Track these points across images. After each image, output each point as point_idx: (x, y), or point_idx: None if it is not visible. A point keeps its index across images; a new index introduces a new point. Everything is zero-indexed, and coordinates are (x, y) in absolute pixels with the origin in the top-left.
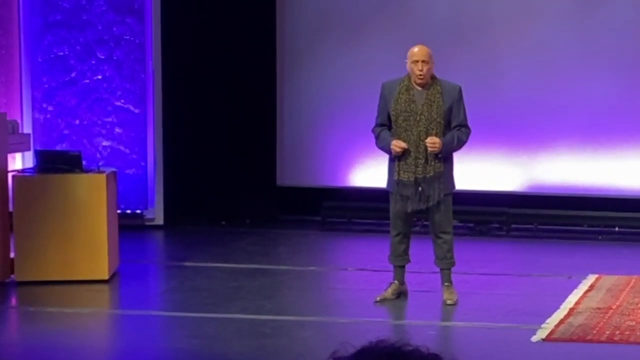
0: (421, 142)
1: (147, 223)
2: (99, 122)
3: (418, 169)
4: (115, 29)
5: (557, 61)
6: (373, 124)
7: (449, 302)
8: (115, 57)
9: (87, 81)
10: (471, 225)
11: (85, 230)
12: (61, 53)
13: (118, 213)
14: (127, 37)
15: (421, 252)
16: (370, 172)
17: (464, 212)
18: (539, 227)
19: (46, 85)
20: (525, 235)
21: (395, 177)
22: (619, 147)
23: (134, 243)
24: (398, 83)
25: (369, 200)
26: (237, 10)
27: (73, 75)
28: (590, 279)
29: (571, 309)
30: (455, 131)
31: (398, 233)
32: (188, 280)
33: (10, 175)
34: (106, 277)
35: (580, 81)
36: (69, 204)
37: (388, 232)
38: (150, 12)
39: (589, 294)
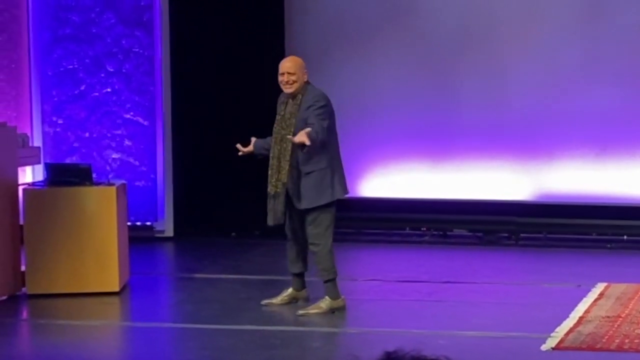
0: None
1: (157, 235)
2: (109, 134)
3: (279, 182)
4: (124, 42)
5: (565, 70)
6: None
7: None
8: (124, 70)
9: (97, 94)
10: (480, 234)
11: (96, 243)
12: (71, 66)
13: (128, 225)
14: (136, 50)
15: (429, 262)
16: (379, 182)
17: (472, 221)
18: (548, 236)
19: (56, 99)
20: (534, 244)
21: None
22: (628, 154)
23: (144, 255)
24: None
25: (378, 211)
26: (245, 22)
27: (82, 88)
28: (599, 287)
29: (580, 318)
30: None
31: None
32: (198, 291)
33: (20, 188)
34: (117, 289)
35: (587, 89)
36: (79, 216)
37: (397, 242)
38: (159, 25)
39: (598, 302)
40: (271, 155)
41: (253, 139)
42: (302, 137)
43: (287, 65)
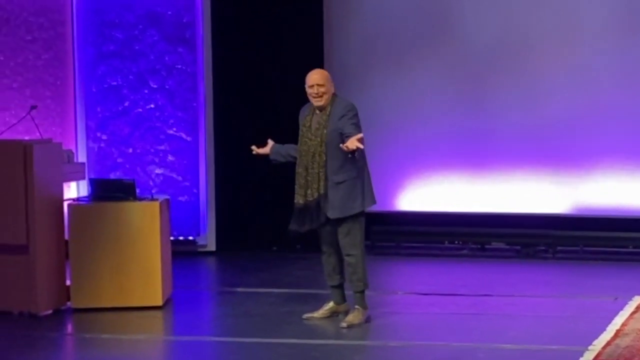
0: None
1: (200, 249)
2: (152, 150)
3: (317, 192)
4: (167, 59)
5: (601, 82)
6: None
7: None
8: (167, 87)
9: (140, 110)
10: (518, 248)
11: (139, 258)
12: (114, 83)
13: (171, 240)
14: (179, 67)
15: (467, 275)
16: (417, 195)
17: (510, 234)
18: (585, 249)
19: (100, 115)
20: (571, 258)
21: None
22: None
23: (187, 269)
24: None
25: (416, 224)
26: (286, 38)
27: (126, 104)
28: (636, 300)
29: (617, 331)
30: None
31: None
32: (240, 305)
33: (65, 203)
34: (160, 303)
35: (624, 101)
36: (123, 231)
37: (436, 255)
38: (201, 42)
39: (635, 315)
40: (298, 165)
41: (270, 142)
42: (355, 143)
43: (316, 77)
